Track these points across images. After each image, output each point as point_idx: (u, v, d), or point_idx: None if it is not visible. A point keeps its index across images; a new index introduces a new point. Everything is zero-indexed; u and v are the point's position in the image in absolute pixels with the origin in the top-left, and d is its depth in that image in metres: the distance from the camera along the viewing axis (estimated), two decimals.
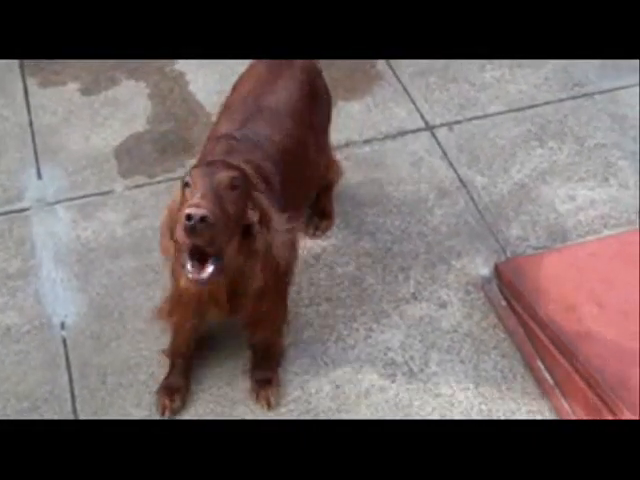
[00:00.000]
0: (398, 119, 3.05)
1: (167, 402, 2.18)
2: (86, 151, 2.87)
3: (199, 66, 3.19)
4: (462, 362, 2.34)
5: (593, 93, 3.24)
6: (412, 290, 2.53)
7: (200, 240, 1.62)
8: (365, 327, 2.44)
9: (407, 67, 3.27)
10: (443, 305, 2.49)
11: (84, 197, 2.72)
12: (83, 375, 2.27)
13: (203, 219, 1.57)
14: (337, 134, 2.85)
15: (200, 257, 1.68)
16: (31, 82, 3.11)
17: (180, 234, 1.62)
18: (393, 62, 3.28)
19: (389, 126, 3.02)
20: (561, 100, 3.20)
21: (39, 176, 2.78)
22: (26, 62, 3.17)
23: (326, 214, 2.66)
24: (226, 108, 2.26)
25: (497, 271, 2.55)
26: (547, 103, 3.18)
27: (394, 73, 3.23)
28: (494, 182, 2.86)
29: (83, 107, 3.03)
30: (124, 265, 2.54)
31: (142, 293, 2.46)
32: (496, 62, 3.33)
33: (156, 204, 2.70)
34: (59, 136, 2.92)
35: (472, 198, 2.80)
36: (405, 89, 3.17)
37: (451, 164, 2.90)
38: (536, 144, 3.01)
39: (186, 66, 3.20)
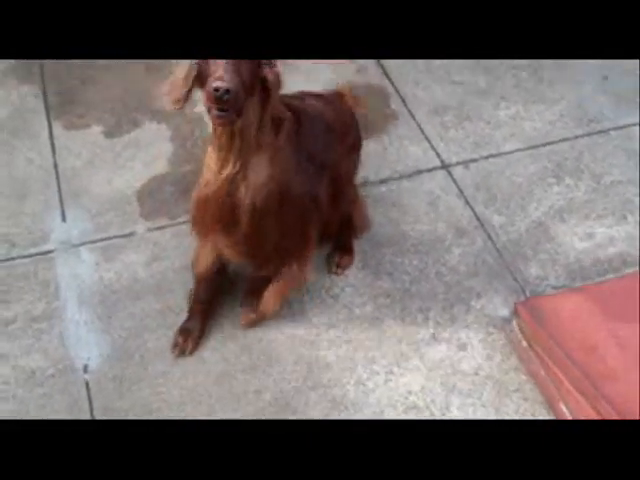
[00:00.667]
0: (414, 158, 3.02)
1: (180, 341, 2.38)
2: (109, 193, 2.86)
3: None
4: (484, 406, 2.28)
5: (608, 129, 3.19)
6: (432, 331, 2.48)
7: (225, 105, 1.82)
8: (385, 370, 2.38)
9: (422, 106, 3.24)
10: (463, 347, 2.44)
11: (107, 239, 2.71)
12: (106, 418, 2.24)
13: (228, 91, 1.78)
14: None
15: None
16: (56, 125, 3.11)
17: (208, 101, 1.84)
18: (408, 101, 3.25)
19: (405, 165, 2.98)
20: (577, 137, 3.16)
21: (63, 218, 2.77)
22: (51, 105, 3.19)
23: (347, 250, 2.65)
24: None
25: (517, 311, 2.49)
26: (563, 140, 3.14)
27: (409, 112, 3.21)
28: (512, 220, 2.81)
29: (106, 149, 3.02)
30: (146, 307, 2.51)
31: (163, 335, 2.43)
32: (510, 100, 3.30)
33: (178, 245, 2.69)
34: (83, 179, 2.91)
35: (490, 237, 2.75)
36: (420, 128, 3.14)
37: (468, 203, 2.86)
38: (553, 181, 2.96)
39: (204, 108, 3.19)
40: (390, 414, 2.27)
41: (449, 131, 3.14)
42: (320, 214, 2.30)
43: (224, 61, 1.81)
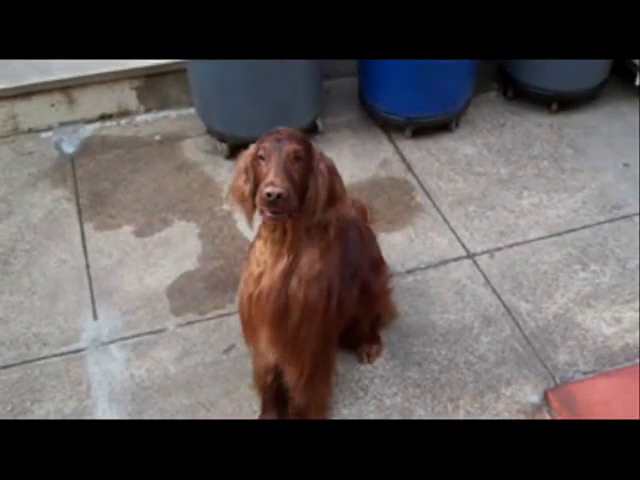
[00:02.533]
0: (439, 248, 3.16)
1: None
2: (139, 291, 3.02)
3: None
4: None
5: (632, 215, 3.32)
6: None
7: (277, 209, 1.95)
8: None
9: (446, 197, 3.41)
10: None
11: (137, 336, 2.85)
12: None
13: (279, 196, 1.90)
14: None
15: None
16: (88, 226, 3.33)
17: (261, 204, 1.96)
18: (432, 193, 3.43)
19: (431, 255, 3.12)
20: (600, 223, 3.29)
21: (95, 317, 2.92)
22: (83, 207, 3.41)
23: (375, 339, 2.75)
24: None
25: (547, 398, 2.55)
26: (586, 226, 3.27)
27: (433, 204, 3.38)
28: (539, 308, 2.91)
29: (137, 248, 3.21)
30: (176, 403, 2.62)
31: None
32: (533, 189, 3.46)
33: (207, 340, 2.82)
34: (114, 277, 3.08)
35: (518, 324, 2.84)
36: (445, 219, 3.30)
37: (494, 291, 2.97)
38: (578, 268, 3.07)
39: None
40: None
41: (473, 221, 3.29)
42: (342, 319, 2.37)
43: (275, 165, 1.94)
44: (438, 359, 2.73)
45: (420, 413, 2.56)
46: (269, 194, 1.90)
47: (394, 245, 3.16)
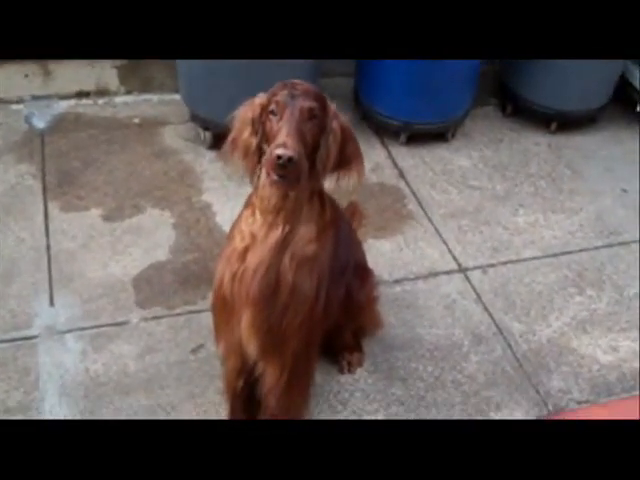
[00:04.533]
0: (430, 260, 2.96)
1: None
2: (103, 279, 2.77)
3: (227, 198, 3.16)
4: None
5: (630, 242, 3.18)
6: None
7: (286, 173, 1.74)
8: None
9: (438, 208, 3.23)
10: None
11: (97, 327, 2.59)
12: None
13: (290, 159, 1.70)
14: None
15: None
16: (52, 206, 3.06)
17: (269, 168, 1.75)
18: (424, 203, 3.24)
19: (421, 266, 2.93)
20: (597, 247, 3.14)
21: (51, 303, 2.66)
22: (49, 185, 3.15)
23: (357, 348, 2.56)
24: None
25: None
26: (583, 250, 3.12)
27: (425, 214, 3.19)
28: (532, 329, 2.72)
29: (104, 234, 2.96)
30: (134, 403, 2.36)
31: None
32: (529, 207, 3.30)
33: (173, 337, 2.57)
34: (76, 262, 2.83)
35: (510, 345, 2.65)
36: (437, 230, 3.11)
37: (486, 308, 2.78)
38: (574, 291, 2.90)
39: (214, 197, 3.17)
40: None
41: (466, 235, 3.10)
42: (327, 320, 2.14)
43: (288, 124, 1.74)
44: (424, 376, 2.52)
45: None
46: (279, 157, 1.70)
47: (383, 253, 2.96)
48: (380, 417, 2.38)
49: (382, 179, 3.37)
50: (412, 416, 2.39)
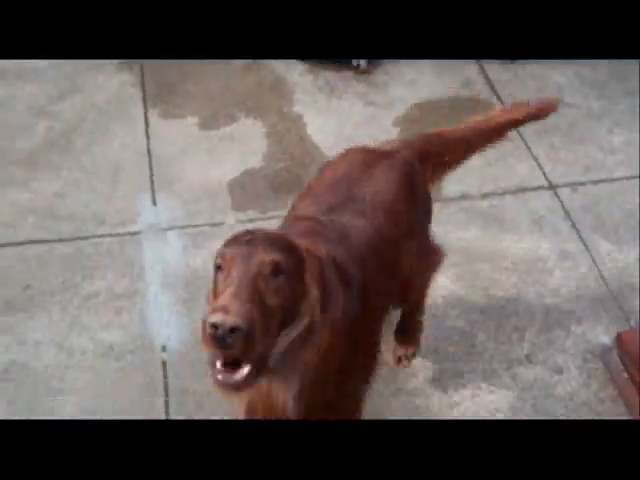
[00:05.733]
0: (519, 175, 3.03)
1: None
2: (201, 183, 2.97)
3: (317, 110, 3.29)
4: None
5: None
6: (526, 352, 2.46)
7: (231, 352, 1.31)
8: (473, 385, 2.38)
9: (530, 124, 3.24)
10: (558, 371, 2.41)
11: (196, 226, 2.81)
12: (180, 401, 2.30)
13: (233, 330, 1.26)
14: (454, 185, 2.89)
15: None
16: (152, 113, 3.27)
17: (206, 343, 1.30)
18: None
19: (509, 181, 3.00)
20: None
21: (154, 202, 2.89)
22: (149, 94, 3.35)
23: (410, 334, 2.42)
24: (311, 190, 2.00)
25: (619, 341, 2.44)
26: None
27: (516, 130, 3.23)
28: (620, 248, 2.78)
29: (201, 141, 3.15)
30: None
31: None
32: (625, 126, 3.29)
33: None
34: (175, 167, 3.04)
35: (596, 263, 2.72)
36: (527, 146, 3.16)
37: (574, 225, 2.84)
38: None
39: (305, 109, 3.31)
40: None
41: (558, 152, 3.14)
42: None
43: (237, 277, 1.33)
44: (506, 287, 2.64)
45: (481, 339, 2.49)
46: (215, 326, 1.26)
47: (472, 167, 2.98)
48: (461, 323, 2.53)
49: (473, 93, 3.42)
50: (493, 324, 2.53)
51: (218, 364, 1.35)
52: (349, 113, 3.33)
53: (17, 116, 3.23)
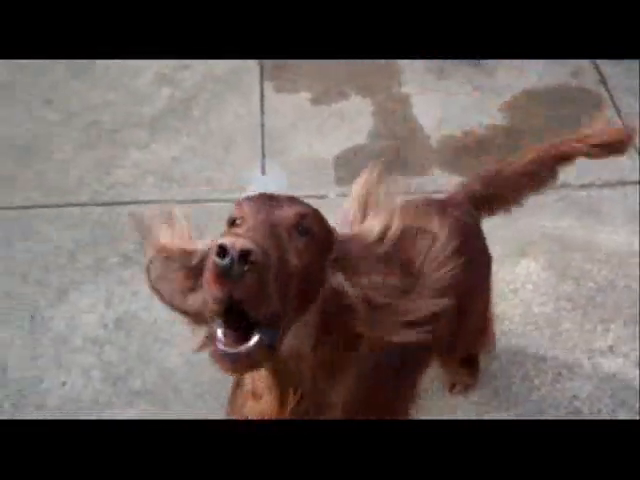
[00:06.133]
0: (620, 168, 3.05)
1: None
2: (308, 156, 3.15)
3: (425, 91, 3.40)
4: None
5: None
6: (610, 343, 2.54)
7: (240, 291, 1.04)
8: (554, 371, 2.47)
9: (635, 118, 3.27)
10: None
11: (300, 197, 2.98)
12: None
13: (245, 255, 1.02)
14: None
15: (241, 326, 1.10)
16: (267, 86, 3.47)
17: (209, 284, 1.06)
18: (624, 112, 3.29)
19: (610, 174, 3.04)
20: None
21: (263, 172, 3.09)
22: (266, 67, 3.55)
23: (471, 363, 2.35)
24: None
25: None
26: None
27: (623, 123, 3.24)
28: None
29: (311, 115, 3.33)
30: None
31: None
32: None
33: None
34: (285, 139, 3.23)
35: None
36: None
37: None
38: None
39: (412, 90, 3.43)
40: (550, 414, 2.36)
41: None
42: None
43: (256, 220, 1.15)
44: (597, 278, 2.70)
45: (566, 327, 2.58)
46: (223, 249, 1.02)
47: None
48: (548, 310, 2.62)
49: (581, 83, 3.44)
50: (580, 313, 2.61)
51: (219, 332, 1.09)
52: (456, 96, 3.43)
53: (144, 83, 3.50)
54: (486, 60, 3.53)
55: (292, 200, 1.24)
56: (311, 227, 1.20)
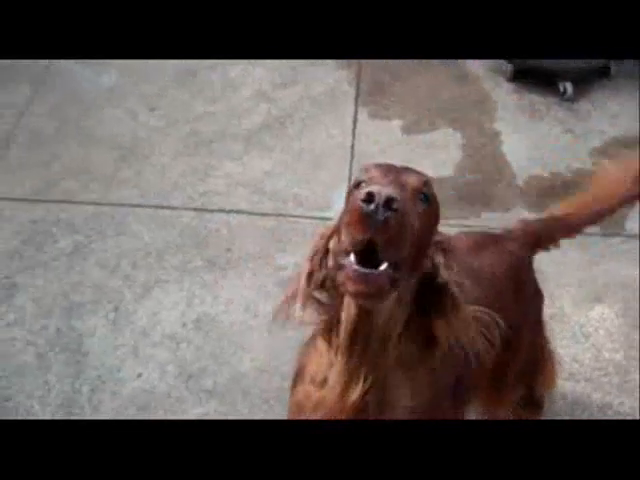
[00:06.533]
0: None
1: None
2: None
3: (516, 130, 3.46)
4: None
5: None
6: None
7: (383, 235, 1.15)
8: (618, 418, 2.48)
9: None
10: None
11: None
12: None
13: (389, 202, 1.14)
14: (634, 222, 2.98)
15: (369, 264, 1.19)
16: (361, 111, 3.59)
17: (351, 226, 1.17)
18: None
19: None
20: None
21: None
22: (362, 92, 3.67)
23: (533, 401, 2.20)
24: None
25: None
26: None
27: None
28: None
29: (401, 143, 3.43)
30: None
31: None
32: None
33: None
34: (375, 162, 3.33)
35: None
36: None
37: None
38: None
39: (504, 127, 3.48)
40: None
41: None
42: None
43: (387, 178, 1.26)
44: None
45: (635, 377, 2.57)
46: (371, 196, 1.14)
47: None
48: (619, 357, 2.63)
49: None
50: None
51: (352, 258, 1.18)
52: (547, 137, 3.46)
53: (244, 97, 3.67)
54: (580, 103, 3.55)
55: (415, 170, 1.35)
56: (431, 196, 1.31)
